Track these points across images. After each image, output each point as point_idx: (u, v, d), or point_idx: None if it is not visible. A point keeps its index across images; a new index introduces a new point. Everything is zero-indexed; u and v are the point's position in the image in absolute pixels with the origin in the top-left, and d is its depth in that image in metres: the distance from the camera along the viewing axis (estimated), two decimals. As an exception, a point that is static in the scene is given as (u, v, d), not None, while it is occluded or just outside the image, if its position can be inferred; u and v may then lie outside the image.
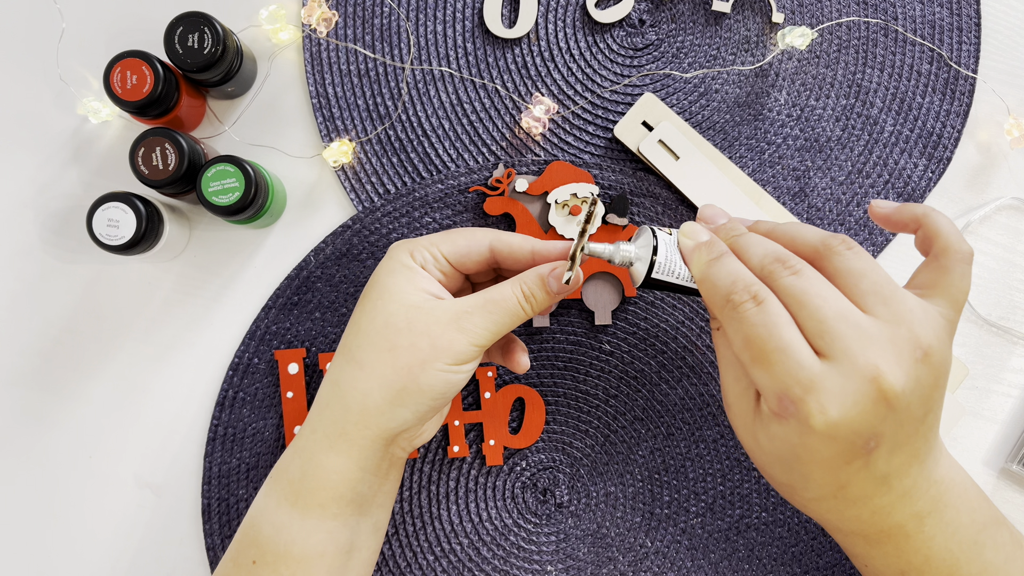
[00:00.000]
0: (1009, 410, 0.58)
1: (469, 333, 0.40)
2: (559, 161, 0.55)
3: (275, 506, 0.42)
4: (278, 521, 0.42)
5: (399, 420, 0.41)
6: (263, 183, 0.52)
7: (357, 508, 0.43)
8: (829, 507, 0.39)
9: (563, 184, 0.54)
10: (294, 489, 0.42)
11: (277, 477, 0.43)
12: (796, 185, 0.57)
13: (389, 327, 0.41)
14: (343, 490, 0.41)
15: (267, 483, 0.43)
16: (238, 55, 0.54)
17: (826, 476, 0.37)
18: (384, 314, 0.41)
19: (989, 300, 0.58)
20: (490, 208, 0.55)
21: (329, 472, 0.41)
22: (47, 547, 0.55)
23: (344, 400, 0.41)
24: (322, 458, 0.41)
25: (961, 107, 0.58)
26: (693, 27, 0.58)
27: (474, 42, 0.57)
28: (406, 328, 0.40)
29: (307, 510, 0.41)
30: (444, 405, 0.44)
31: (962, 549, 0.40)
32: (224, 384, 0.56)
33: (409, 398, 0.40)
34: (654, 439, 0.56)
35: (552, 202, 0.54)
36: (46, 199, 0.56)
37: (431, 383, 0.40)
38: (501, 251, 0.44)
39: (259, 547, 0.42)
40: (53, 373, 0.56)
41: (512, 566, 0.56)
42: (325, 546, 0.42)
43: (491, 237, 0.44)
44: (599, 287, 0.55)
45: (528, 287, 0.42)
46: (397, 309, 0.41)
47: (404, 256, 0.42)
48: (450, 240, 0.43)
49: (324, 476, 0.41)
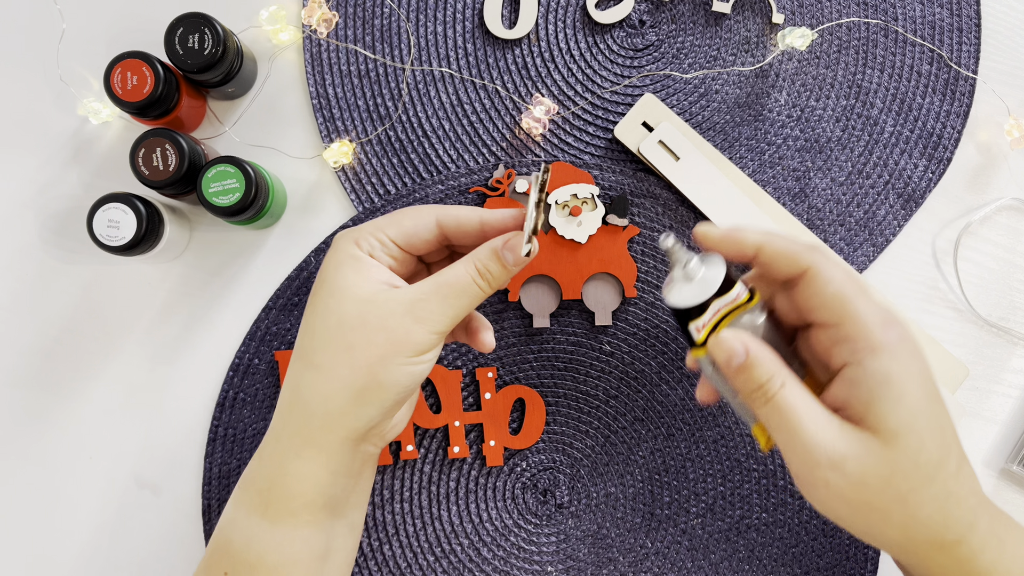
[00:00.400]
0: (1009, 411, 0.58)
1: (426, 322, 0.39)
2: (559, 161, 0.55)
3: (244, 517, 0.41)
4: (249, 532, 0.40)
5: (365, 419, 0.39)
6: (263, 184, 0.52)
7: (331, 512, 0.41)
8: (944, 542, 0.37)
9: (563, 185, 0.54)
10: (263, 499, 0.40)
11: (245, 487, 0.41)
12: (796, 186, 0.57)
13: (343, 326, 0.39)
14: (314, 496, 0.40)
15: (235, 494, 0.42)
16: (238, 56, 0.54)
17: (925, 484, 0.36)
18: (337, 313, 0.39)
19: (989, 300, 0.58)
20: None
21: (298, 480, 0.40)
22: (47, 547, 0.55)
23: (306, 406, 0.39)
24: (290, 466, 0.40)
25: (961, 108, 0.58)
26: (693, 28, 0.58)
27: (474, 43, 0.57)
28: (360, 325, 0.38)
29: (278, 519, 0.40)
30: (410, 396, 0.42)
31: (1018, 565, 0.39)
32: (224, 385, 0.56)
33: (372, 396, 0.39)
34: (654, 440, 0.56)
35: (552, 203, 0.54)
36: (46, 200, 0.56)
37: (393, 379, 0.39)
38: (449, 226, 0.41)
39: (231, 558, 0.41)
40: (53, 373, 0.56)
41: (512, 567, 0.56)
42: (300, 554, 0.40)
43: (437, 212, 0.41)
44: (599, 287, 0.55)
45: (482, 263, 0.39)
46: (349, 306, 0.39)
47: (350, 246, 0.40)
48: (396, 222, 0.41)
49: (293, 484, 0.40)
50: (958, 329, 0.58)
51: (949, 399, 0.55)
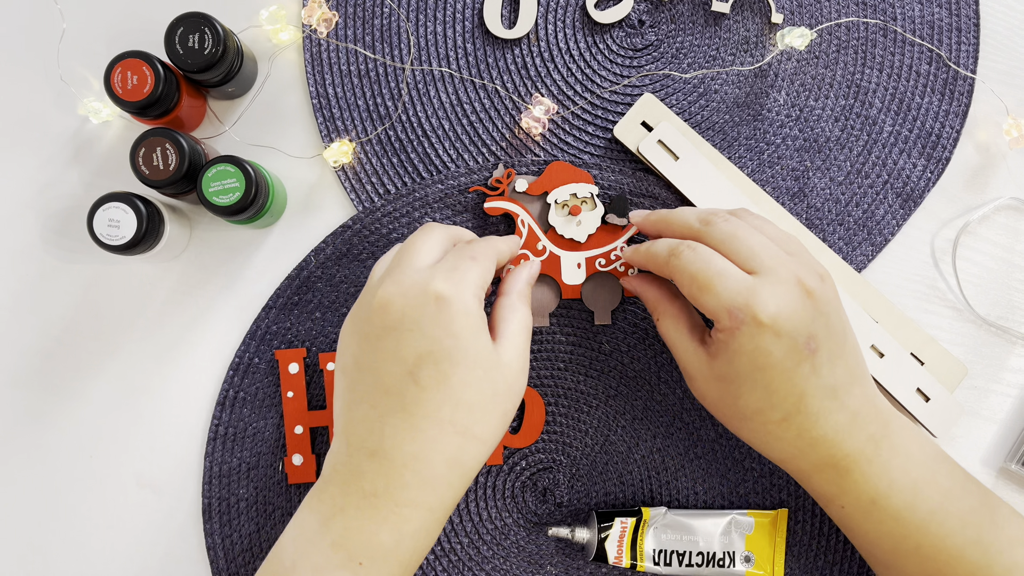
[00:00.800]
0: (1008, 410, 0.58)
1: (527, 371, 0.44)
2: (559, 161, 0.55)
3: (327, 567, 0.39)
4: None
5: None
6: (263, 183, 0.52)
7: None
8: (798, 429, 0.43)
9: (563, 184, 0.54)
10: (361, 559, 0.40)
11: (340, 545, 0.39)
12: (795, 185, 0.57)
13: (497, 396, 0.41)
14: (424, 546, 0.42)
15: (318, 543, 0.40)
16: (238, 55, 0.54)
17: (785, 383, 0.42)
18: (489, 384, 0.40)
19: (988, 300, 0.58)
20: (490, 209, 0.55)
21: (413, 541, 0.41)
22: (48, 547, 0.56)
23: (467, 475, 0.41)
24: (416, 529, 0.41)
25: (960, 107, 0.58)
26: (692, 28, 0.58)
27: (474, 42, 0.57)
28: (509, 392, 0.41)
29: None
30: None
31: (920, 473, 0.44)
32: (225, 384, 0.56)
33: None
34: (654, 439, 0.56)
35: (552, 202, 0.54)
36: (47, 199, 0.56)
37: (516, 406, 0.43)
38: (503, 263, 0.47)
39: None
40: (53, 373, 0.56)
41: (513, 565, 0.56)
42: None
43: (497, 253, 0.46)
44: (598, 287, 0.55)
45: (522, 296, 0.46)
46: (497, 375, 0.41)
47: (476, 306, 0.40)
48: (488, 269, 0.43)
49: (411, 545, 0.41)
50: (957, 328, 0.58)
51: (948, 397, 0.55)
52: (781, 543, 0.54)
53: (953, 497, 0.44)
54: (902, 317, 0.56)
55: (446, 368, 0.39)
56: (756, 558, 0.54)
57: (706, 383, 0.46)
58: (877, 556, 0.47)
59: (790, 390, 0.43)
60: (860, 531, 0.46)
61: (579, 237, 0.54)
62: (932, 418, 0.54)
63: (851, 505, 0.45)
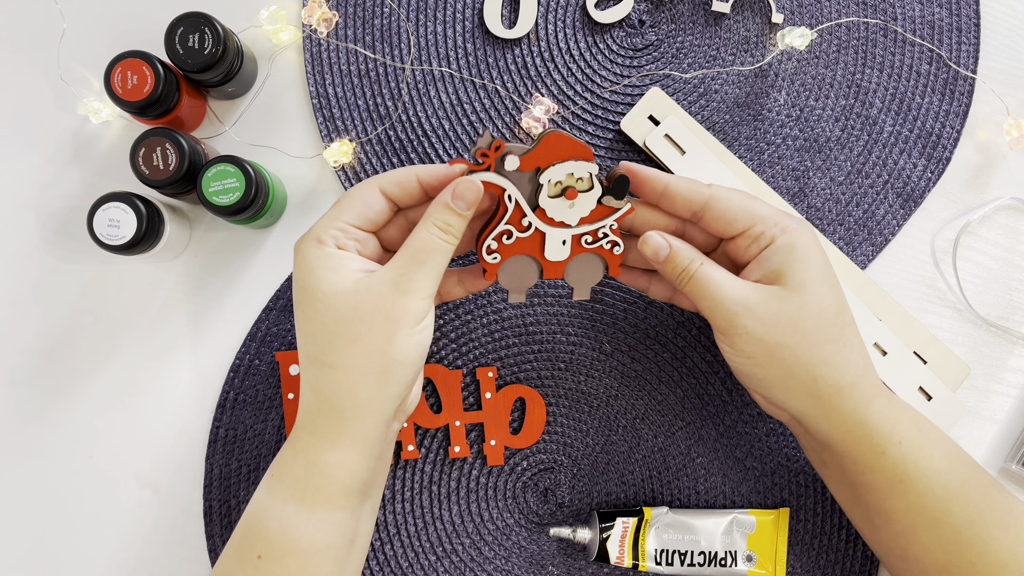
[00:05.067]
0: (1008, 410, 0.58)
1: (414, 291, 0.41)
2: (556, 132, 0.45)
3: (280, 504, 0.42)
4: (285, 517, 0.42)
5: (392, 399, 0.42)
6: (263, 183, 0.52)
7: (363, 495, 0.44)
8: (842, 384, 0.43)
9: (560, 159, 0.46)
10: (300, 487, 0.42)
11: (279, 476, 0.43)
12: (795, 185, 0.57)
13: (341, 322, 0.41)
14: (351, 482, 0.42)
15: (267, 483, 0.44)
16: (238, 55, 0.54)
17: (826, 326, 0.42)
18: (331, 314, 0.41)
19: (988, 300, 0.58)
20: None
21: (336, 468, 0.42)
22: (48, 547, 0.55)
23: (334, 403, 0.42)
24: (328, 456, 0.42)
25: (960, 107, 0.58)
26: (693, 27, 0.58)
27: (474, 42, 0.57)
28: (357, 316, 0.41)
29: (315, 505, 0.42)
30: (422, 366, 0.45)
31: (950, 463, 0.44)
32: (225, 386, 0.55)
33: (392, 375, 0.41)
34: (655, 439, 0.56)
35: (544, 182, 0.46)
36: (47, 199, 0.56)
37: (404, 353, 0.41)
38: (394, 193, 0.44)
39: (265, 543, 0.42)
40: (53, 373, 0.56)
41: (514, 566, 0.56)
42: (332, 537, 0.43)
43: (379, 183, 0.44)
44: (581, 263, 0.49)
45: (440, 220, 0.42)
46: (339, 302, 0.41)
47: (314, 247, 0.42)
48: (347, 207, 0.43)
49: (331, 472, 0.42)
50: (957, 328, 0.58)
51: (949, 397, 0.55)
52: (783, 542, 0.54)
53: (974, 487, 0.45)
54: (906, 315, 0.56)
55: (297, 310, 0.43)
56: (758, 557, 0.54)
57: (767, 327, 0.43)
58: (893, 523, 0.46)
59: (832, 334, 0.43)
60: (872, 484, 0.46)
61: (571, 220, 0.47)
62: (934, 417, 0.54)
63: (878, 486, 0.45)
